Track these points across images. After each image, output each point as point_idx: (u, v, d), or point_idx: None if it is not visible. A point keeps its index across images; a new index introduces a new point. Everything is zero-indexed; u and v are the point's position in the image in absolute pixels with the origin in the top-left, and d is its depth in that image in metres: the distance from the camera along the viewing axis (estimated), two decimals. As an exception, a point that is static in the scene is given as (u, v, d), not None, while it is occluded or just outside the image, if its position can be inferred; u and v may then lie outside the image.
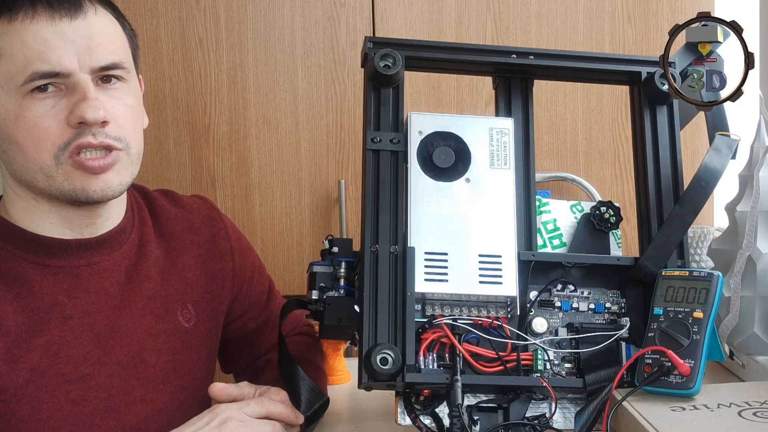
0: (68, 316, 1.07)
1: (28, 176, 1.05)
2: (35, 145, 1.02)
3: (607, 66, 1.22)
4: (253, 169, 2.01)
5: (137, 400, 1.10)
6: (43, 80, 1.00)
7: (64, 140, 1.02)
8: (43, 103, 1.01)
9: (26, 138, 1.02)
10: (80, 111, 1.01)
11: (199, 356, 1.19)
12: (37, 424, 1.03)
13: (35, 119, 1.01)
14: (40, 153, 1.02)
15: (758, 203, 1.22)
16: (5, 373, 1.02)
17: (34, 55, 1.00)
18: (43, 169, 1.03)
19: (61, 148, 1.02)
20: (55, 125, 1.01)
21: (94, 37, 1.03)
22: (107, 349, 1.09)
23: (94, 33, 1.03)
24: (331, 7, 1.99)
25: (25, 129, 1.01)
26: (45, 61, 1.00)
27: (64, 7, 1.01)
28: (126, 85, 1.08)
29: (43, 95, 1.01)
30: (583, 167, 2.05)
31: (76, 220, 1.09)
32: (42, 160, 1.02)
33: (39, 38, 1.00)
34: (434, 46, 1.22)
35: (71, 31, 1.01)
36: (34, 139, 1.01)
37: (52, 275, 1.07)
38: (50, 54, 1.00)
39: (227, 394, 1.07)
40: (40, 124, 1.01)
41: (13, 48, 1.01)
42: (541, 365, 1.06)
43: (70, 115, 1.01)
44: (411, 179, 1.09)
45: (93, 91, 1.02)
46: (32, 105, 1.01)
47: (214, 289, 1.22)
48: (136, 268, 1.14)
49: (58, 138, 1.02)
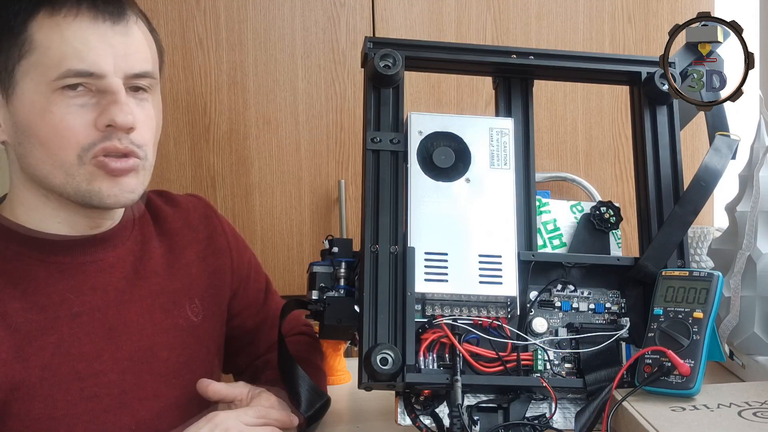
0: (76, 313, 1.07)
1: (44, 171, 1.04)
2: (59, 141, 1.02)
3: (607, 66, 1.22)
4: (253, 169, 2.01)
5: (150, 395, 1.11)
6: (76, 79, 1.01)
7: (89, 141, 1.02)
8: (73, 101, 1.01)
9: (50, 133, 1.02)
10: (112, 114, 1.01)
11: (209, 350, 1.20)
12: (52, 422, 1.03)
13: (62, 116, 1.01)
14: (63, 150, 1.02)
15: (758, 203, 1.22)
16: (18, 371, 1.02)
17: (71, 52, 1.00)
18: (64, 167, 1.03)
19: (85, 149, 1.02)
20: (81, 125, 1.02)
21: (132, 45, 1.04)
22: (119, 345, 1.09)
23: (133, 41, 1.05)
24: (331, 7, 1.99)
25: (51, 124, 1.01)
26: (82, 60, 1.01)
27: (109, 11, 1.03)
28: (152, 96, 1.09)
29: (73, 93, 1.01)
30: (583, 167, 2.05)
31: (81, 221, 1.09)
32: (64, 158, 1.02)
33: (79, 36, 1.01)
34: (434, 46, 1.22)
35: (112, 34, 1.03)
36: (59, 136, 1.02)
37: (58, 272, 1.08)
38: (88, 54, 1.01)
39: (215, 392, 1.08)
40: (66, 122, 1.01)
41: (51, 41, 1.01)
42: (541, 365, 1.06)
43: (99, 117, 1.02)
44: (411, 179, 1.09)
45: (124, 96, 1.03)
46: (61, 101, 1.01)
47: (216, 284, 1.23)
48: (142, 263, 1.15)
49: (84, 138, 1.02)
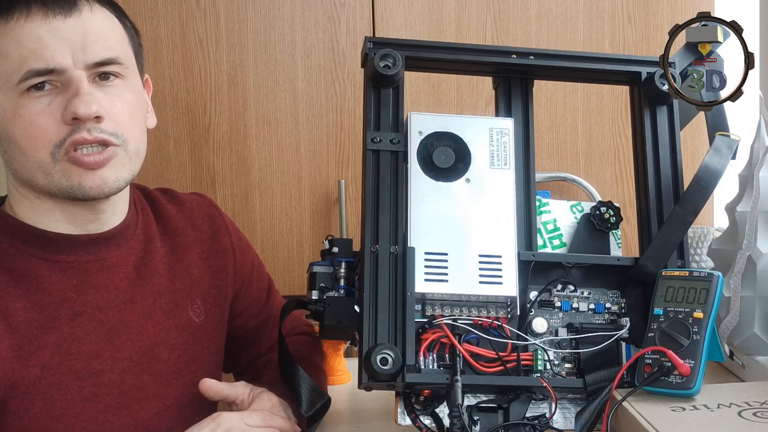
0: (78, 312, 1.07)
1: (28, 175, 1.05)
2: (32, 143, 1.02)
3: (607, 66, 1.22)
4: (253, 169, 2.00)
5: (149, 395, 1.11)
6: (39, 78, 1.01)
7: (60, 137, 1.02)
8: (39, 101, 1.02)
9: (23, 136, 1.02)
10: (73, 106, 1.01)
11: (210, 351, 1.20)
12: (51, 421, 1.03)
13: (31, 117, 1.01)
14: (37, 151, 1.03)
15: (758, 203, 1.22)
16: (17, 369, 1.02)
17: (28, 54, 1.01)
18: (42, 167, 1.03)
19: (57, 145, 1.02)
20: (51, 123, 1.02)
21: (89, 34, 1.03)
22: (119, 345, 1.09)
23: (89, 30, 1.04)
24: (331, 7, 1.98)
25: (22, 127, 1.02)
26: (39, 59, 1.01)
27: (59, 5, 1.02)
28: (124, 82, 1.08)
29: (39, 93, 1.02)
30: (583, 167, 2.05)
31: (79, 216, 1.09)
32: (39, 158, 1.03)
33: (33, 37, 1.01)
34: (434, 46, 1.22)
35: (65, 28, 1.02)
36: (31, 137, 1.02)
37: (60, 271, 1.08)
38: (44, 51, 1.01)
39: (216, 392, 1.08)
40: (36, 122, 1.02)
41: (9, 47, 1.01)
42: (541, 365, 1.06)
43: (64, 112, 1.02)
44: (411, 179, 1.09)
45: (86, 87, 1.02)
46: (28, 103, 1.01)
47: (218, 284, 1.23)
48: (144, 263, 1.15)
49: (55, 135, 1.02)
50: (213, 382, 1.08)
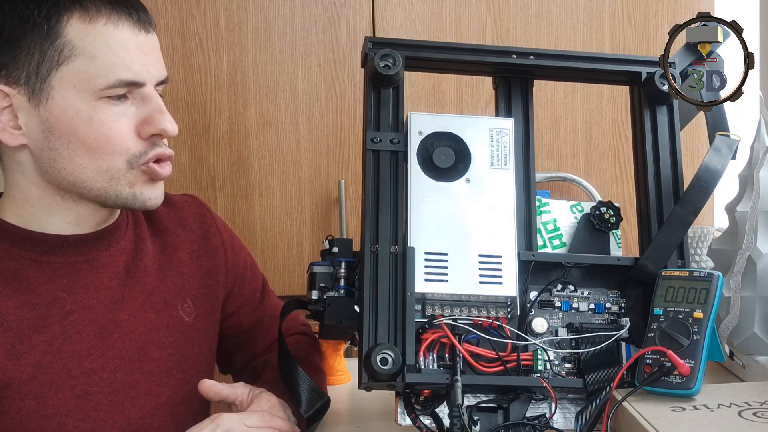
0: (68, 311, 1.07)
1: (83, 176, 1.05)
2: (109, 148, 1.04)
3: (607, 66, 1.22)
4: (253, 169, 2.00)
5: (141, 393, 1.11)
6: (124, 89, 1.04)
7: (138, 149, 1.05)
8: (117, 108, 1.04)
9: (99, 140, 1.03)
10: (161, 123, 1.05)
11: (201, 350, 1.20)
12: (43, 420, 1.04)
13: (111, 123, 1.03)
14: (112, 156, 1.04)
15: (758, 203, 1.22)
16: (9, 369, 1.03)
17: (119, 62, 1.03)
18: (110, 171, 1.05)
19: (136, 156, 1.05)
20: (128, 131, 1.05)
21: (157, 52, 1.09)
22: (110, 344, 1.10)
23: (157, 48, 1.09)
24: (331, 7, 1.99)
25: (100, 131, 1.03)
26: (129, 70, 1.03)
27: (142, 21, 1.06)
28: None
29: (119, 102, 1.04)
30: (583, 167, 2.05)
31: (90, 220, 1.10)
32: (112, 163, 1.05)
33: (124, 46, 1.03)
34: (434, 46, 1.22)
35: (146, 43, 1.06)
36: (109, 143, 1.04)
37: (50, 271, 1.08)
38: (134, 64, 1.03)
39: (216, 392, 1.08)
40: (115, 129, 1.04)
41: (96, 50, 1.02)
42: (541, 365, 1.06)
43: (146, 126, 1.05)
44: (411, 179, 1.09)
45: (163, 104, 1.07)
46: (108, 108, 1.03)
47: (209, 284, 1.23)
48: (134, 263, 1.15)
49: (132, 145, 1.05)
50: (212, 382, 1.08)
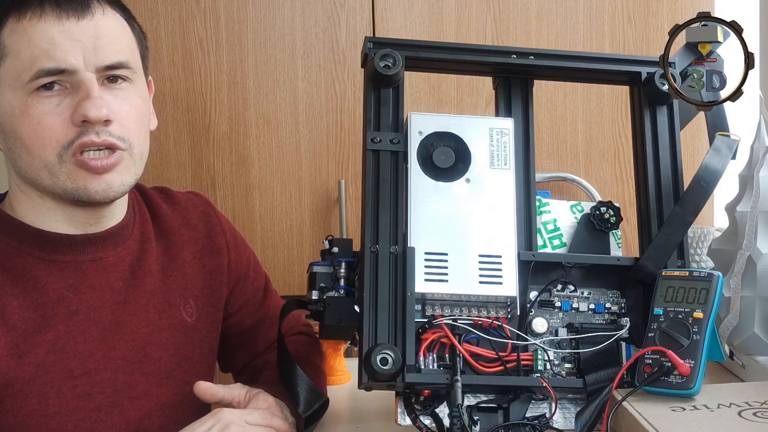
0: (74, 311, 1.07)
1: (32, 174, 1.05)
2: (39, 142, 1.02)
3: (607, 66, 1.22)
4: (253, 169, 2.01)
5: (141, 394, 1.11)
6: (49, 78, 1.01)
7: (68, 139, 1.02)
8: (48, 101, 1.02)
9: (30, 135, 1.02)
10: (83, 109, 1.01)
11: (202, 351, 1.20)
12: (44, 419, 1.04)
13: (40, 117, 1.02)
14: (44, 151, 1.03)
15: (758, 203, 1.22)
16: (12, 368, 1.03)
17: (40, 53, 1.01)
18: (47, 167, 1.04)
19: (64, 147, 1.02)
20: (60, 123, 1.02)
21: (101, 37, 1.04)
22: (113, 344, 1.10)
23: (101, 33, 1.04)
24: (331, 7, 1.99)
25: (30, 126, 1.02)
26: (51, 59, 1.01)
27: (72, 7, 1.02)
28: (132, 85, 1.08)
29: (48, 93, 1.02)
30: (583, 167, 2.05)
31: (80, 218, 1.10)
32: (46, 158, 1.03)
33: (46, 37, 1.01)
34: (434, 46, 1.22)
35: (78, 30, 1.02)
36: (38, 137, 1.02)
37: (57, 270, 1.08)
38: (56, 52, 1.01)
39: (212, 394, 1.08)
40: (44, 122, 1.02)
41: (20, 46, 1.02)
42: (541, 365, 1.06)
43: (73, 114, 1.02)
44: (411, 179, 1.09)
45: (97, 90, 1.03)
46: (37, 103, 1.02)
47: (212, 284, 1.23)
48: (139, 263, 1.15)
49: (62, 136, 1.02)
50: (207, 384, 1.08)
